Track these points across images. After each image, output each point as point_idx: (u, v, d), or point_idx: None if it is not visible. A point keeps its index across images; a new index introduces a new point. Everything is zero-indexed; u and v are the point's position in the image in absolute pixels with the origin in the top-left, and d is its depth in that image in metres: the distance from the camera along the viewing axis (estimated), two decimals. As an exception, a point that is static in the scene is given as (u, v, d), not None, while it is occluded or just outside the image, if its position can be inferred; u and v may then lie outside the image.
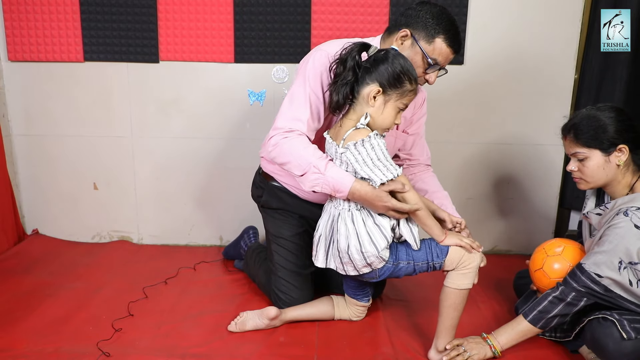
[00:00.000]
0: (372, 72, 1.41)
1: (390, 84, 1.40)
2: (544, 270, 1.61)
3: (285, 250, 1.81)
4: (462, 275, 1.49)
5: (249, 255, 2.07)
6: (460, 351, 1.52)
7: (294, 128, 1.52)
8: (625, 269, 1.41)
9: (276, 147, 1.52)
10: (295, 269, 1.80)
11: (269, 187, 1.83)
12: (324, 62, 1.54)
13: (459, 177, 2.38)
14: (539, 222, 2.43)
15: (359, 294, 1.73)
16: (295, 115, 1.53)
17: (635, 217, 1.40)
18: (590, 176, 1.52)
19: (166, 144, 2.37)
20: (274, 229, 1.85)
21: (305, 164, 1.47)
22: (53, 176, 2.42)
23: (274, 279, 1.81)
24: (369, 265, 1.48)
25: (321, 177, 1.46)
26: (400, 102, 1.43)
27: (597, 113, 1.50)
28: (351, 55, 1.41)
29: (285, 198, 1.81)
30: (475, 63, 2.25)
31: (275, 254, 1.83)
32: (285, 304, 1.77)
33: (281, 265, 1.81)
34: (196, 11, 2.20)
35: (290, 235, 1.82)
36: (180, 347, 1.60)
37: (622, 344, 1.37)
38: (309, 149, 1.49)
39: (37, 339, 1.61)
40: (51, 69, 2.29)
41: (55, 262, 2.21)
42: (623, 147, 1.48)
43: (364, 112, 1.44)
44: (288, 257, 1.81)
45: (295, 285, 1.79)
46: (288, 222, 1.83)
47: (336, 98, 1.44)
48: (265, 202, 1.85)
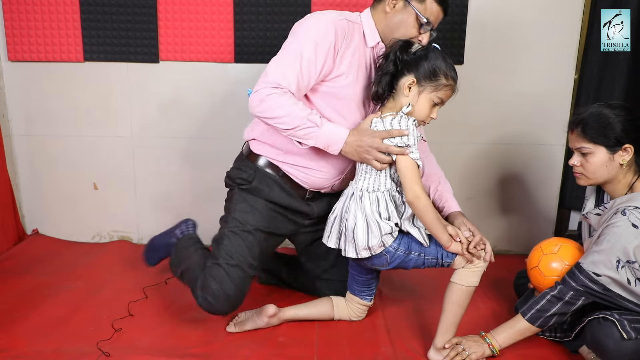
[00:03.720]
0: (411, 65, 1.49)
1: (424, 76, 1.48)
2: (539, 269, 1.62)
3: (239, 239, 1.64)
4: (471, 272, 1.51)
5: (184, 240, 1.89)
6: (459, 350, 1.52)
7: (283, 85, 1.50)
8: (623, 267, 1.41)
9: (262, 103, 1.49)
10: (240, 264, 1.61)
11: (261, 174, 1.69)
12: (326, 27, 1.53)
13: (459, 177, 2.38)
14: (539, 222, 2.43)
15: (363, 290, 1.73)
16: (285, 73, 1.50)
17: (633, 216, 1.40)
18: (592, 172, 1.52)
19: (166, 144, 2.37)
20: (239, 213, 1.67)
21: (297, 118, 1.48)
22: (53, 176, 2.42)
23: (211, 265, 1.62)
24: (369, 248, 1.50)
25: (316, 129, 1.50)
26: (434, 94, 1.49)
27: (607, 110, 1.49)
28: (393, 50, 1.51)
29: (275, 190, 1.69)
30: (475, 63, 2.25)
31: (225, 239, 1.64)
32: (213, 297, 1.57)
33: (227, 253, 1.61)
34: (196, 11, 2.20)
35: (254, 226, 1.66)
36: (180, 347, 1.60)
37: (622, 344, 1.37)
38: (299, 104, 1.50)
39: (37, 339, 1.61)
40: (51, 69, 2.29)
41: (55, 262, 2.21)
42: (629, 147, 1.48)
43: (401, 102, 1.51)
44: (239, 248, 1.62)
45: (233, 280, 1.59)
46: (259, 212, 1.68)
47: (376, 88, 1.53)
48: (254, 188, 1.68)
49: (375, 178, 1.52)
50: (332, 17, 1.56)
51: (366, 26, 1.62)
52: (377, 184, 1.52)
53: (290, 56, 1.51)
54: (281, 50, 1.55)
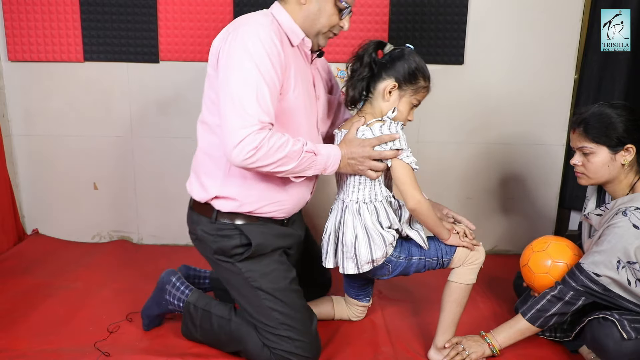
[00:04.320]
0: (388, 68, 1.45)
1: (405, 80, 1.45)
2: (529, 266, 1.64)
3: (288, 303, 1.48)
4: (469, 270, 1.52)
5: (200, 317, 1.58)
6: (459, 350, 1.52)
7: (266, 120, 1.33)
8: (623, 268, 1.41)
9: (258, 151, 1.30)
10: (305, 320, 1.50)
11: (249, 229, 1.48)
12: (264, 39, 1.35)
13: (459, 177, 2.38)
14: (539, 222, 2.43)
15: (360, 294, 1.73)
16: (260, 103, 1.32)
17: (634, 217, 1.40)
18: (593, 172, 1.52)
19: (166, 144, 2.37)
20: (267, 284, 1.47)
21: (296, 155, 1.36)
22: (53, 176, 2.42)
23: (277, 341, 1.45)
24: (373, 261, 1.48)
25: (313, 157, 1.40)
26: (414, 97, 1.48)
27: (610, 110, 1.49)
28: (367, 52, 1.46)
29: (271, 230, 1.51)
30: (475, 63, 2.24)
31: (273, 313, 1.46)
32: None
33: (288, 325, 1.46)
34: (196, 11, 2.20)
35: (289, 280, 1.51)
36: (180, 347, 1.60)
37: (622, 344, 1.37)
38: (286, 136, 1.36)
39: (37, 339, 1.61)
40: (51, 69, 2.28)
41: (55, 262, 2.21)
42: (630, 147, 1.47)
43: (380, 106, 1.48)
44: (294, 309, 1.48)
45: (309, 339, 1.47)
46: (280, 264, 1.51)
47: (352, 93, 1.48)
48: (256, 250, 1.47)
49: (371, 188, 1.49)
50: (265, 24, 1.38)
51: (284, 23, 1.45)
52: (374, 194, 1.49)
53: (253, 82, 1.32)
54: (235, 77, 1.33)
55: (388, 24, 2.19)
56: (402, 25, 2.19)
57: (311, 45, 1.51)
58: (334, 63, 2.24)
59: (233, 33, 1.37)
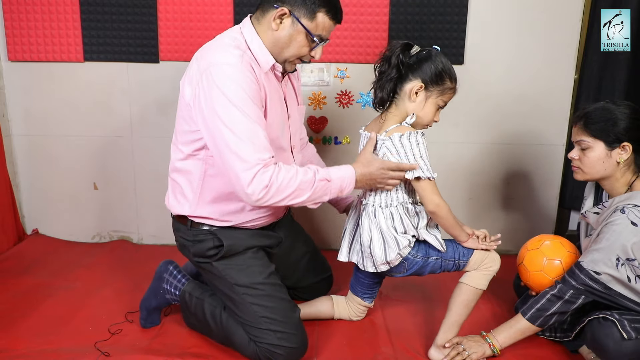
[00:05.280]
0: (415, 69, 1.47)
1: (432, 81, 1.46)
2: (524, 264, 1.66)
3: (267, 295, 1.51)
4: (482, 275, 1.53)
5: (194, 305, 1.62)
6: (459, 350, 1.52)
7: (266, 157, 1.36)
8: (623, 265, 1.41)
9: (269, 190, 1.34)
10: (286, 311, 1.52)
11: (222, 232, 1.54)
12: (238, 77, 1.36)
13: (459, 177, 2.38)
14: (539, 222, 2.43)
15: (366, 293, 1.74)
16: (255, 143, 1.35)
17: (632, 214, 1.40)
18: (589, 167, 1.52)
19: (166, 144, 2.36)
20: (243, 279, 1.51)
21: (308, 185, 1.40)
22: (53, 176, 2.42)
23: (260, 335, 1.48)
24: (388, 263, 1.50)
25: (327, 184, 1.43)
26: (440, 99, 1.50)
27: (612, 107, 1.50)
28: (395, 54, 1.46)
29: (244, 232, 1.56)
30: (475, 63, 2.24)
31: (253, 307, 1.49)
32: (285, 357, 1.49)
33: (268, 318, 1.48)
34: (196, 11, 2.20)
35: (267, 275, 1.54)
36: (180, 347, 1.60)
37: (622, 344, 1.37)
38: (295, 168, 1.41)
39: (37, 339, 1.62)
40: (51, 69, 2.29)
41: (55, 262, 2.21)
42: (627, 145, 1.48)
43: (405, 107, 1.50)
44: (273, 301, 1.51)
45: (291, 330, 1.49)
46: (256, 259, 1.56)
47: (380, 94, 1.50)
48: (228, 250, 1.52)
49: (387, 193, 1.52)
50: (234, 62, 1.37)
51: (255, 50, 1.45)
52: (390, 200, 1.51)
53: (243, 128, 1.34)
54: (224, 127, 1.34)
55: (388, 24, 2.19)
56: (402, 26, 2.19)
57: (281, 68, 1.52)
58: (334, 63, 2.24)
59: (205, 76, 1.36)
